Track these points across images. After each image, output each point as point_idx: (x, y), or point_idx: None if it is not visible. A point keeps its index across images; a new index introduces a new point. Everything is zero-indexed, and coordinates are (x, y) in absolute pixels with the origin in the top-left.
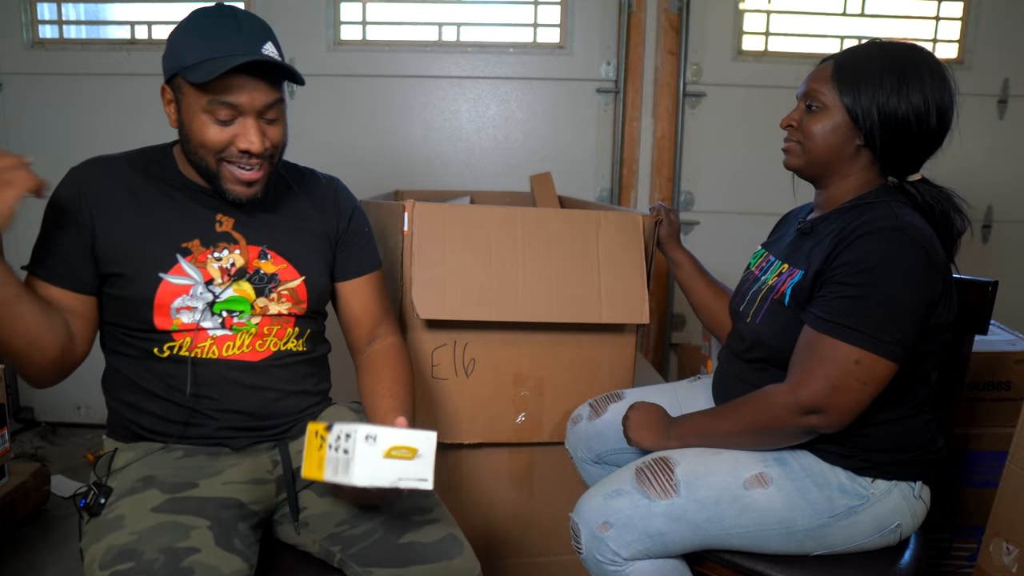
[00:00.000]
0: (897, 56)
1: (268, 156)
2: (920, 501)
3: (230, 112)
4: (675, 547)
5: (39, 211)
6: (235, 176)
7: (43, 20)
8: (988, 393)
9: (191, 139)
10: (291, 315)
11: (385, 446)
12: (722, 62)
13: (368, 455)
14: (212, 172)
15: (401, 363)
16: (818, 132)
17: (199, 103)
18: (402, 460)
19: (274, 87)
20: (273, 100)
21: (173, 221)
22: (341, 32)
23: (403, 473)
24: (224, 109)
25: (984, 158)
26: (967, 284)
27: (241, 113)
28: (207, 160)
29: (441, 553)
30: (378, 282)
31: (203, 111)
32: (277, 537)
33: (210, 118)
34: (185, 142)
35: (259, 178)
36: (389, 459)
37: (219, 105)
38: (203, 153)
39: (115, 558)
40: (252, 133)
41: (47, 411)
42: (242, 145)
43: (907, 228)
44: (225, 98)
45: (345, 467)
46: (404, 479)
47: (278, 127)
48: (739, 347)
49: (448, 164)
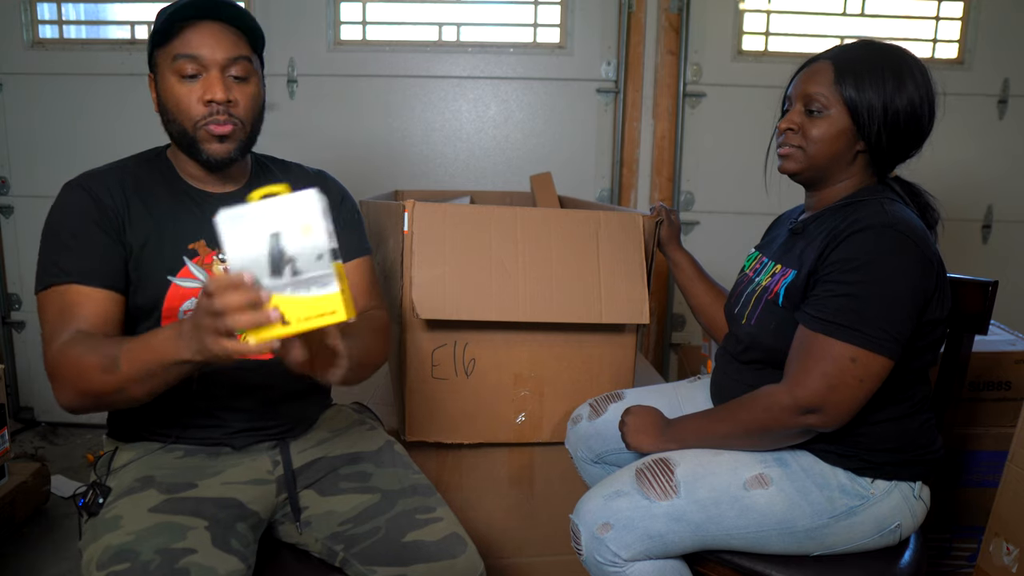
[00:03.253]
0: (889, 54)
1: (239, 120)
2: (920, 501)
3: (195, 65)
4: (675, 548)
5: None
6: (208, 133)
7: (43, 20)
8: (988, 393)
9: (168, 107)
10: None
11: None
12: (722, 62)
13: (234, 218)
14: (190, 138)
15: (377, 332)
16: (823, 137)
17: (167, 64)
18: (280, 220)
19: (239, 43)
20: (237, 55)
21: (178, 224)
22: (341, 32)
23: (290, 244)
24: (188, 63)
25: (984, 158)
26: (967, 284)
27: (205, 67)
28: (185, 125)
29: (444, 552)
30: (369, 268)
31: (171, 72)
32: (278, 537)
33: (177, 77)
34: (166, 119)
35: (229, 133)
36: (261, 216)
37: (183, 60)
38: (181, 119)
39: (111, 558)
40: (215, 84)
41: (47, 411)
42: (207, 96)
43: (898, 224)
44: (186, 51)
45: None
46: (292, 251)
47: (247, 87)
48: (735, 349)
49: (448, 164)
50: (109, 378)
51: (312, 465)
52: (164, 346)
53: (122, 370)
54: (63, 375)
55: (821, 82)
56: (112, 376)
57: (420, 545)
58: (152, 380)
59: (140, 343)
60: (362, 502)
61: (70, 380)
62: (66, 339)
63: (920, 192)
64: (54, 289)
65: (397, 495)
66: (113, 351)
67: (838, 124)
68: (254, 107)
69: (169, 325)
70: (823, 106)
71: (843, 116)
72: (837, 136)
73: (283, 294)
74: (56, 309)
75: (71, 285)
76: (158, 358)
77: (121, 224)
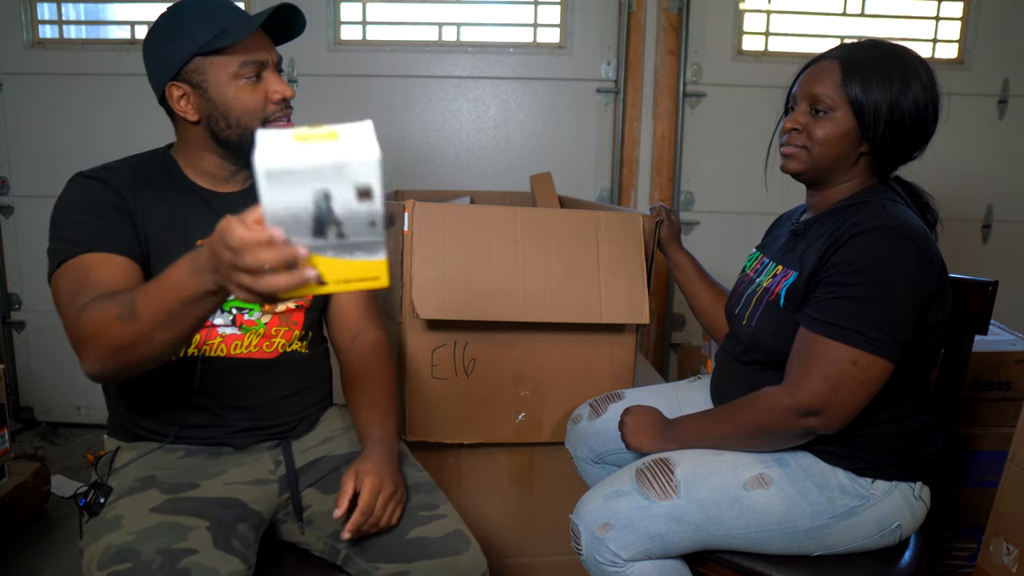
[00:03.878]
0: (896, 56)
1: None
2: (920, 501)
3: (256, 69)
4: (675, 548)
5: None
6: None
7: (43, 20)
8: (988, 393)
9: (230, 112)
10: (299, 307)
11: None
12: (722, 62)
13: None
14: (252, 140)
15: (382, 368)
16: (828, 138)
17: (228, 71)
18: (322, 154)
19: (273, 44)
20: (279, 56)
21: (184, 222)
22: (341, 32)
23: (340, 207)
24: (253, 67)
25: (984, 158)
26: (967, 284)
27: (264, 68)
28: (251, 126)
29: (448, 549)
30: None
31: (235, 77)
32: (279, 536)
33: (244, 81)
34: (223, 125)
35: None
36: (301, 150)
37: (250, 65)
38: (246, 120)
39: (112, 558)
40: (280, 82)
41: (47, 411)
42: (277, 95)
43: (900, 226)
44: (252, 57)
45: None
46: (341, 214)
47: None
48: (736, 349)
49: (448, 164)
50: (129, 327)
51: (314, 464)
52: (182, 280)
53: (142, 316)
54: (86, 336)
55: (828, 83)
56: (132, 325)
57: (424, 542)
58: (175, 323)
59: (155, 283)
60: None
61: (92, 340)
62: (84, 303)
63: (920, 192)
64: (66, 265)
65: None
66: (130, 297)
67: (843, 126)
68: None
69: (184, 256)
70: (829, 107)
71: (848, 118)
72: (842, 137)
73: (324, 255)
74: (71, 281)
75: (84, 255)
76: (176, 295)
77: (135, 209)
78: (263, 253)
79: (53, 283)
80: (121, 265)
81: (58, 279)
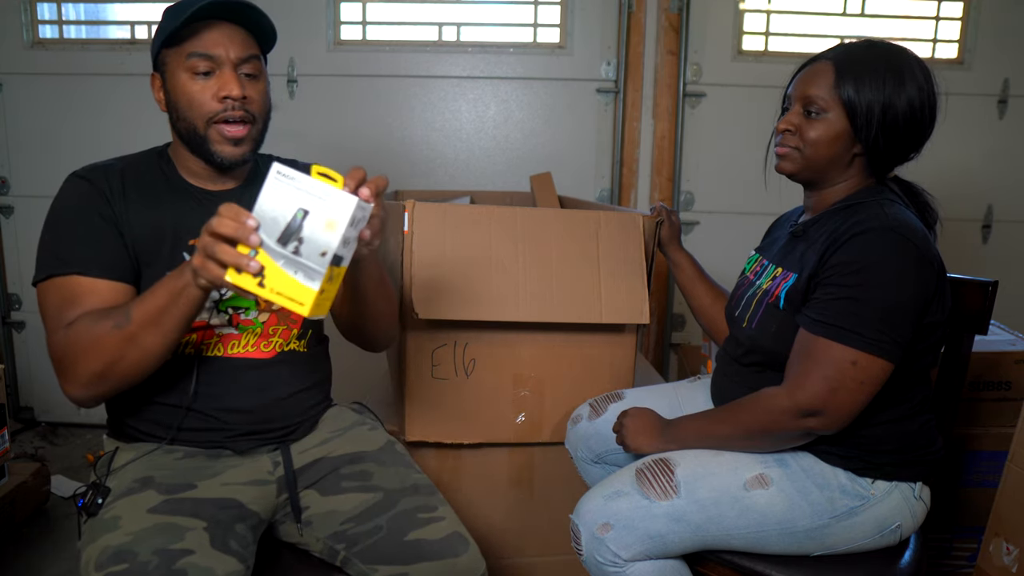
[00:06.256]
0: (892, 56)
1: (252, 116)
2: (920, 501)
3: (208, 63)
4: (675, 548)
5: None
6: (222, 135)
7: (43, 20)
8: (988, 393)
9: (179, 104)
10: None
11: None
12: (722, 62)
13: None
14: (201, 136)
15: (389, 299)
16: (820, 139)
17: (179, 62)
18: (312, 197)
19: (249, 42)
20: (248, 54)
21: (178, 221)
22: (341, 32)
23: (308, 228)
24: (202, 60)
25: (984, 158)
26: (967, 284)
27: (219, 64)
28: (196, 123)
29: (447, 550)
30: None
31: (183, 69)
32: (278, 537)
33: (190, 74)
34: (176, 117)
35: (244, 136)
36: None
37: (197, 58)
38: (192, 116)
39: (109, 559)
40: (230, 80)
41: (47, 411)
42: (222, 92)
43: (898, 227)
44: (201, 49)
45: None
46: (305, 234)
47: (258, 85)
48: (736, 351)
49: (448, 164)
50: (121, 334)
51: (313, 465)
52: (171, 276)
53: (133, 319)
54: (73, 353)
55: (821, 84)
56: (124, 331)
57: (422, 544)
58: (164, 320)
59: (149, 289)
60: (364, 501)
61: (81, 356)
62: (72, 319)
63: (919, 192)
64: (53, 280)
65: (399, 494)
66: (124, 309)
67: (835, 127)
68: (266, 104)
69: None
70: (821, 108)
71: (841, 119)
72: (834, 139)
73: (275, 261)
74: (57, 299)
75: (71, 276)
76: (164, 291)
77: (122, 216)
78: (229, 223)
79: (39, 290)
80: (106, 291)
81: (43, 290)
